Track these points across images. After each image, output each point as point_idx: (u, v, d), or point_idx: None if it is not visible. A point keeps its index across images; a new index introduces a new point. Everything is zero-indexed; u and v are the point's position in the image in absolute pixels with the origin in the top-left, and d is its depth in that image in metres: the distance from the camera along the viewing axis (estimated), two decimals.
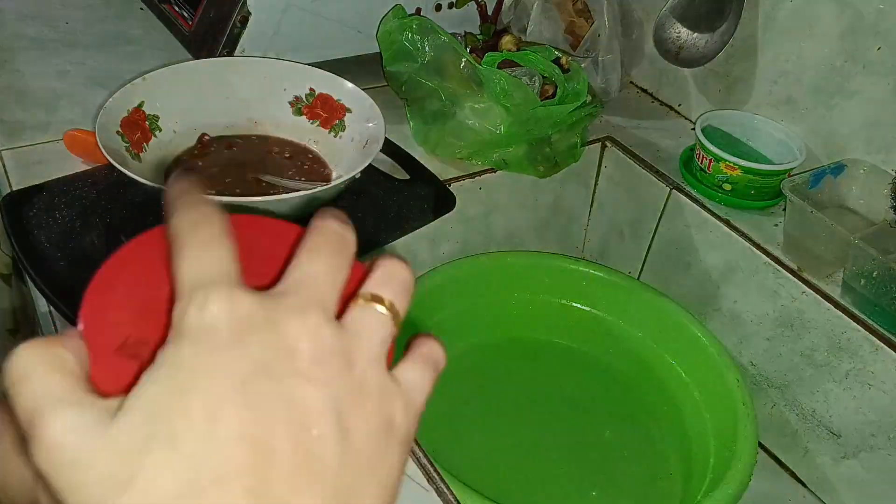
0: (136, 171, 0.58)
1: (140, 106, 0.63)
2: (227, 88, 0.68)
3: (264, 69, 0.69)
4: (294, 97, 0.68)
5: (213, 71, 0.68)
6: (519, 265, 0.78)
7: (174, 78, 0.66)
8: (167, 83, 0.65)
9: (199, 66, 0.69)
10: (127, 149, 0.61)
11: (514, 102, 0.70)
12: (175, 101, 0.65)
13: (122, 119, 0.62)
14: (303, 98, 0.68)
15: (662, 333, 0.73)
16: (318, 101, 0.68)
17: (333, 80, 0.68)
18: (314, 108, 0.69)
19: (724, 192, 0.75)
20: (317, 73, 0.68)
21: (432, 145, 0.76)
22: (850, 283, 0.65)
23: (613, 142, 0.85)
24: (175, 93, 0.66)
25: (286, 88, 0.68)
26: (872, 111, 0.71)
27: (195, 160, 0.66)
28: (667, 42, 0.79)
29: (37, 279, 0.56)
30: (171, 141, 0.65)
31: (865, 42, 0.69)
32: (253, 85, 0.68)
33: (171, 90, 0.65)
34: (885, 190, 0.69)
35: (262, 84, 0.68)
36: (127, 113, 0.62)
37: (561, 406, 0.74)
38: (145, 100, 0.64)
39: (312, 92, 0.68)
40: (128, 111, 0.62)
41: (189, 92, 0.67)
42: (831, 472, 0.69)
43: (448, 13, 0.87)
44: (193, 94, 0.67)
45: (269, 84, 0.68)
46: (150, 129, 0.64)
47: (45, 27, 0.87)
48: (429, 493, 0.48)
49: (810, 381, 0.69)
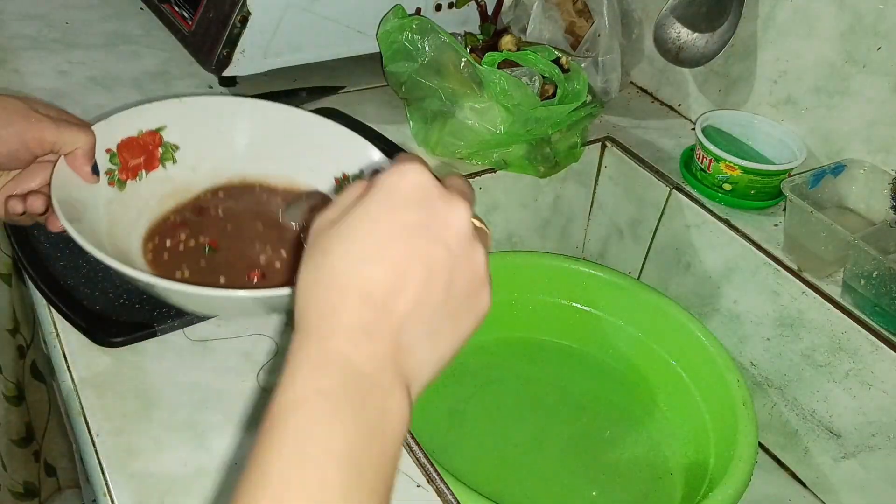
0: (104, 200, 0.52)
1: (160, 129, 0.57)
2: (277, 139, 0.60)
3: (323, 129, 0.60)
4: (343, 174, 0.59)
5: (268, 116, 0.60)
6: (519, 265, 0.78)
7: (217, 111, 0.58)
8: (206, 114, 0.58)
9: (251, 106, 0.60)
10: (110, 172, 0.54)
11: (514, 102, 0.70)
12: (207, 138, 0.58)
13: (127, 138, 0.55)
14: (350, 178, 0.59)
15: (662, 333, 0.73)
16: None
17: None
18: None
19: (724, 192, 0.75)
20: (376, 156, 0.58)
21: (432, 145, 0.76)
22: (850, 283, 0.64)
23: (613, 142, 0.84)
24: (212, 128, 0.58)
25: (337, 161, 0.59)
26: (872, 111, 0.71)
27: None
28: (667, 42, 0.79)
29: (37, 279, 0.56)
30: (180, 178, 0.58)
31: (865, 42, 0.69)
32: (305, 144, 0.59)
33: (208, 123, 0.58)
34: (885, 190, 0.69)
35: (315, 146, 0.59)
36: (136, 133, 0.56)
37: (561, 406, 0.74)
38: (169, 125, 0.57)
39: (360, 174, 0.58)
40: (139, 131, 0.56)
41: (228, 132, 0.58)
42: (831, 472, 0.69)
43: (448, 13, 0.87)
44: (232, 135, 0.59)
45: (322, 149, 0.59)
46: (161, 158, 0.57)
47: (45, 27, 0.87)
48: (429, 493, 0.48)
49: (810, 381, 0.69)
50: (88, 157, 0.52)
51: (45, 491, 1.16)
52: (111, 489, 0.45)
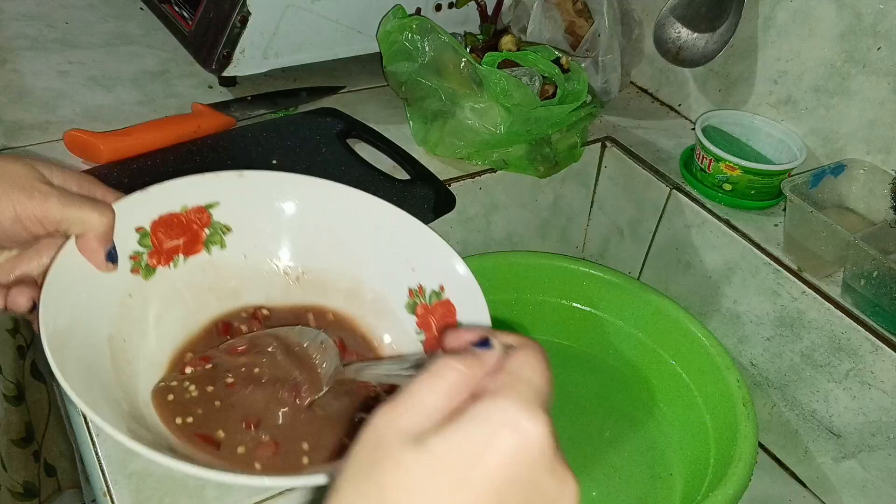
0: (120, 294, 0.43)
1: (210, 206, 0.48)
2: (346, 228, 0.51)
3: (403, 225, 0.50)
4: (419, 285, 0.49)
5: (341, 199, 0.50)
6: (519, 265, 0.77)
7: (281, 189, 0.50)
8: (268, 192, 0.49)
9: (321, 188, 0.51)
10: (137, 256, 0.45)
11: (514, 102, 0.70)
12: (265, 220, 0.49)
13: (166, 215, 0.46)
14: (426, 293, 0.49)
15: (662, 333, 0.73)
16: (441, 307, 0.48)
17: (475, 294, 0.47)
18: (431, 314, 0.48)
19: (724, 192, 0.75)
20: (461, 270, 0.48)
21: (432, 145, 0.76)
22: (850, 283, 0.64)
23: (613, 142, 0.84)
24: (273, 209, 0.49)
25: (414, 269, 0.49)
26: (872, 111, 0.71)
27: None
28: (667, 42, 0.79)
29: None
30: (228, 265, 0.49)
31: (865, 42, 0.69)
32: (378, 240, 0.50)
33: (269, 203, 0.49)
34: (885, 190, 0.69)
35: (390, 242, 0.50)
36: (179, 208, 0.47)
37: (560, 406, 0.74)
38: (223, 202, 0.48)
39: (440, 292, 0.48)
40: (183, 207, 0.47)
41: (291, 215, 0.50)
42: (831, 472, 0.69)
43: (448, 13, 0.87)
44: (295, 218, 0.50)
45: (399, 248, 0.50)
46: (206, 241, 0.48)
47: (45, 27, 0.87)
48: None
49: (810, 381, 0.69)
50: (103, 241, 0.42)
51: (45, 491, 1.16)
52: (111, 489, 0.45)
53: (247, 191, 0.49)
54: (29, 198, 0.40)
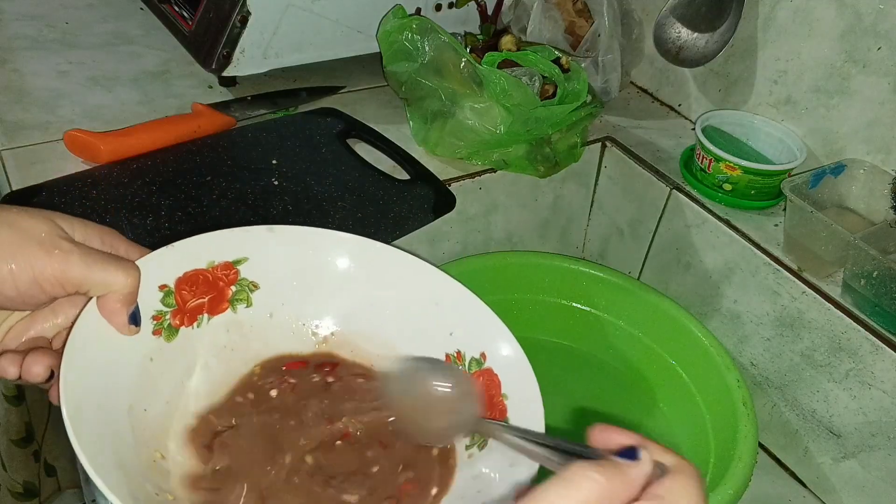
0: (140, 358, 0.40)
1: (238, 262, 0.45)
2: (381, 288, 0.48)
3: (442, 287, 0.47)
4: (457, 351, 0.46)
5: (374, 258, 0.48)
6: (519, 265, 0.77)
7: (314, 245, 0.47)
8: (301, 248, 0.46)
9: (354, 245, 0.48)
10: (159, 316, 0.42)
11: (514, 102, 0.70)
12: (296, 278, 0.47)
13: (192, 272, 0.43)
14: (465, 362, 0.46)
15: (662, 333, 0.73)
16: (482, 375, 0.45)
17: (523, 368, 0.45)
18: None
19: (724, 192, 0.75)
20: (506, 339, 0.45)
21: (432, 145, 0.76)
22: (850, 283, 0.64)
23: (613, 142, 0.84)
24: (305, 266, 0.47)
25: (452, 333, 0.47)
26: (872, 111, 0.71)
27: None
28: (667, 42, 0.79)
29: None
30: (251, 326, 0.46)
31: (865, 42, 0.69)
32: (415, 302, 0.47)
33: (302, 260, 0.46)
34: (885, 190, 0.69)
35: (428, 303, 0.47)
36: (206, 265, 0.44)
37: (561, 406, 0.74)
38: (252, 258, 0.45)
39: (482, 360, 0.45)
40: (209, 263, 0.44)
41: (322, 273, 0.47)
42: (831, 472, 0.69)
43: (448, 13, 0.87)
44: (327, 277, 0.47)
45: (437, 310, 0.47)
46: (233, 299, 0.45)
47: (45, 27, 0.87)
48: None
49: (810, 381, 0.69)
50: (127, 303, 0.39)
51: (45, 491, 1.16)
52: None
53: (277, 246, 0.46)
54: (48, 256, 0.36)
